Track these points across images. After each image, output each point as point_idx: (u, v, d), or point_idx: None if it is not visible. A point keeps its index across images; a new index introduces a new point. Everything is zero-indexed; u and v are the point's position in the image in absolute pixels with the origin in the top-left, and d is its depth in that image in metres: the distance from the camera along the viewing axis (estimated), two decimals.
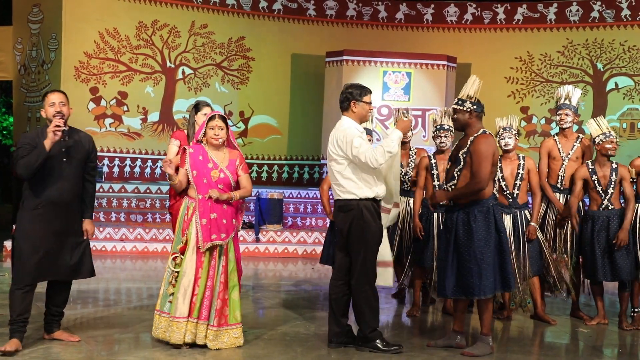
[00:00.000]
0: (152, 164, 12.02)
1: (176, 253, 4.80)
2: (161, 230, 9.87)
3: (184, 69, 12.32)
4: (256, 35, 12.82)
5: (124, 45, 11.86)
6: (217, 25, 12.54)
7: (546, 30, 13.21)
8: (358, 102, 4.94)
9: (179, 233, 4.83)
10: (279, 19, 13.03)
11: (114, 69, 11.80)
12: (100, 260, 9.00)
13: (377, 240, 4.96)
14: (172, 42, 12.21)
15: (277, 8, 13.00)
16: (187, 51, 12.33)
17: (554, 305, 6.64)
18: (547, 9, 13.22)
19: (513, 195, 5.97)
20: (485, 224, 4.82)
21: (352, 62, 12.25)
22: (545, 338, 5.76)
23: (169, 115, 12.20)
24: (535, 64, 13.20)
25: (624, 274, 5.81)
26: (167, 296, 4.81)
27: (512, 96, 13.23)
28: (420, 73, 12.20)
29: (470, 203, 4.84)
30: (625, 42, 12.85)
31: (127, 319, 5.69)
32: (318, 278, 8.30)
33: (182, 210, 4.88)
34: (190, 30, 12.34)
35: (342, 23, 13.39)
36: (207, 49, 12.48)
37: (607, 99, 12.94)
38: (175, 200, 5.76)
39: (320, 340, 5.19)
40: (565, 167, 6.09)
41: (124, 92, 11.86)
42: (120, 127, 11.86)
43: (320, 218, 10.90)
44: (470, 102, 4.94)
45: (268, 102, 12.89)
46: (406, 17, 13.53)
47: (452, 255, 4.88)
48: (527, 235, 5.90)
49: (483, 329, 4.93)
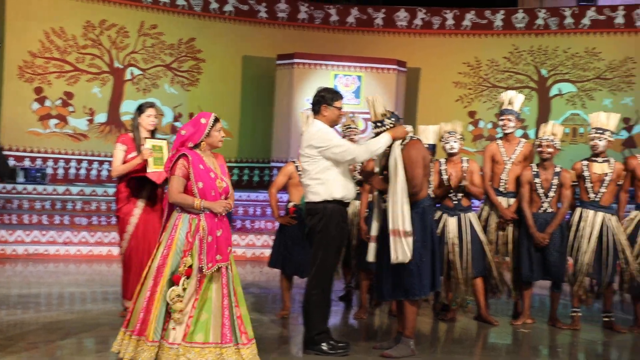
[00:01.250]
0: (98, 166, 11.82)
1: (180, 276, 4.11)
2: (107, 234, 9.71)
3: (133, 69, 12.16)
4: (207, 36, 12.74)
5: (71, 44, 11.64)
6: (167, 26, 12.42)
7: (493, 37, 13.47)
8: (329, 107, 4.95)
9: (179, 254, 4.15)
10: (230, 21, 12.98)
11: (60, 69, 11.58)
12: (43, 264, 8.81)
13: (338, 244, 4.97)
14: (121, 42, 12.04)
15: (228, 10, 12.94)
16: (135, 52, 12.18)
17: (498, 306, 6.76)
18: (494, 15, 13.49)
19: (458, 198, 6.08)
20: (422, 225, 4.88)
21: (303, 65, 12.27)
22: (488, 339, 5.86)
23: (116, 116, 12.02)
24: (482, 69, 13.44)
25: (555, 274, 5.98)
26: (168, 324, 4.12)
27: (460, 101, 13.45)
28: (371, 77, 12.31)
29: (418, 202, 4.90)
30: (568, 50, 13.20)
31: (70, 325, 5.57)
32: (266, 281, 8.28)
33: (183, 227, 4.18)
34: (140, 30, 12.19)
35: (293, 26, 13.41)
36: (156, 49, 12.35)
37: (551, 105, 13.26)
38: (123, 203, 5.67)
39: (265, 343, 5.17)
40: (508, 172, 6.22)
41: (69, 93, 11.65)
42: (66, 128, 11.64)
43: (270, 221, 10.88)
44: (387, 117, 4.95)
45: (218, 103, 12.80)
46: (357, 20, 13.63)
47: (388, 258, 4.89)
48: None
49: (406, 331, 4.97)
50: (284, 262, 6.11)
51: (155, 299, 4.13)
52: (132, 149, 5.67)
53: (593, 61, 13.11)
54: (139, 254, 5.66)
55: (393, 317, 6.19)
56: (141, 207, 5.68)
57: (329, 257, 4.92)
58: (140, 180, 5.61)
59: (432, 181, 6.00)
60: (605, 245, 5.90)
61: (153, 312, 4.11)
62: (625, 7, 13.18)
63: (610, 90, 13.06)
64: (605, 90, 13.08)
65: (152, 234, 5.73)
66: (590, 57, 13.12)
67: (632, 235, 5.97)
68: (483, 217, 6.24)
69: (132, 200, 5.67)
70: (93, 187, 11.19)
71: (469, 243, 6.02)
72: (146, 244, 5.70)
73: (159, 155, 5.63)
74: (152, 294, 4.14)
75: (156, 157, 5.60)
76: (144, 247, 5.69)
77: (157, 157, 5.62)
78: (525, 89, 13.20)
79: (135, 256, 5.67)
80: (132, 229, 5.66)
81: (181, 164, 4.17)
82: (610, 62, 13.04)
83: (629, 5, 13.26)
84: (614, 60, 13.02)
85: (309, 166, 4.92)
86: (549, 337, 5.91)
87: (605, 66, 13.06)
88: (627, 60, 12.96)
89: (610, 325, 6.05)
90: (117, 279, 6.07)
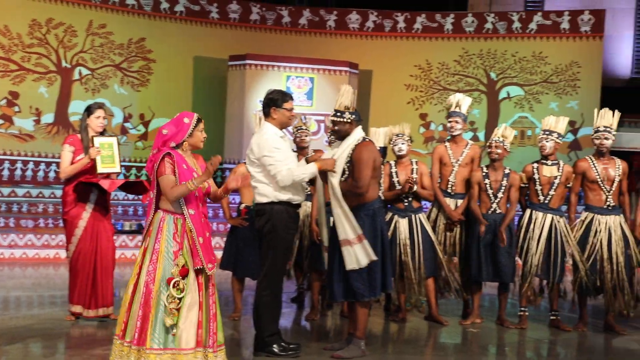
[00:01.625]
0: (45, 167, 11.55)
1: (173, 278, 4.02)
2: (54, 236, 9.50)
3: (81, 69, 11.93)
4: (157, 36, 12.58)
5: (16, 43, 11.36)
6: (116, 25, 12.21)
7: (444, 40, 13.65)
8: (278, 109, 4.95)
9: (169, 256, 4.05)
10: (181, 21, 12.84)
11: (5, 68, 11.28)
12: None
13: (286, 245, 4.96)
14: (68, 41, 11.80)
15: (179, 10, 12.81)
16: (84, 51, 11.95)
17: (448, 306, 6.85)
18: (445, 19, 13.67)
19: (408, 199, 6.14)
20: (372, 227, 4.92)
21: (255, 66, 12.23)
22: (438, 339, 5.93)
23: (64, 116, 11.77)
24: (433, 72, 13.61)
25: (505, 275, 6.09)
26: (167, 330, 4.00)
27: (412, 103, 13.59)
28: (323, 78, 12.34)
29: (357, 207, 4.92)
30: (516, 54, 13.46)
31: (16, 330, 5.43)
32: (218, 283, 8.17)
33: (168, 228, 4.09)
34: (88, 29, 11.96)
35: (245, 27, 13.35)
36: (105, 49, 12.13)
37: (500, 108, 13.51)
38: (71, 206, 5.55)
39: None
40: (456, 173, 6.31)
41: (15, 92, 11.36)
42: (11, 128, 11.34)
43: (221, 222, 10.80)
44: (349, 112, 5.00)
45: (169, 104, 12.64)
46: (309, 22, 13.65)
47: (340, 259, 4.92)
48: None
49: (357, 332, 4.99)
50: (235, 264, 6.09)
51: (150, 305, 4.01)
52: (80, 150, 5.56)
53: (540, 65, 13.41)
54: (87, 258, 5.57)
55: (344, 318, 6.21)
56: (90, 211, 5.57)
57: (277, 258, 4.92)
58: (94, 185, 5.50)
59: (382, 183, 6.04)
60: (553, 247, 6.03)
61: (150, 319, 4.00)
62: (570, 12, 13.53)
63: (557, 93, 13.37)
64: (551, 93, 13.39)
65: (103, 239, 5.62)
66: (537, 61, 13.41)
67: (583, 236, 6.10)
68: (431, 218, 6.32)
69: (81, 203, 5.56)
70: (40, 188, 10.94)
71: (421, 244, 6.09)
72: (95, 248, 5.60)
73: (108, 154, 5.52)
74: (147, 301, 4.02)
75: (105, 156, 5.50)
76: (92, 252, 5.59)
77: (107, 155, 5.51)
78: (475, 92, 13.42)
79: (83, 260, 5.57)
80: (80, 233, 5.56)
81: (168, 162, 4.10)
82: (557, 66, 13.35)
83: (574, 11, 13.61)
84: (560, 64, 13.34)
85: (256, 168, 4.92)
86: (497, 336, 6.01)
87: (551, 70, 13.37)
88: (572, 64, 13.29)
89: (557, 324, 6.18)
90: (65, 283, 5.95)
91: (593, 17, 13.30)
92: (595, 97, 13.18)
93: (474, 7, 15.51)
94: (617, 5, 15.75)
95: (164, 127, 4.22)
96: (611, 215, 6.07)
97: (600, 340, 6.05)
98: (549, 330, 6.17)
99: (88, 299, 5.61)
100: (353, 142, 4.96)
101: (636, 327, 6.34)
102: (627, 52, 15.99)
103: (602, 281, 6.02)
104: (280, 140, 4.93)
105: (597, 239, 6.03)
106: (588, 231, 6.07)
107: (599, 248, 6.02)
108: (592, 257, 6.02)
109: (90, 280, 5.59)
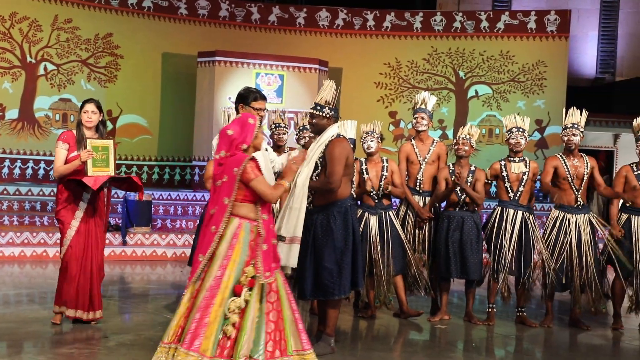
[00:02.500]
0: (10, 164, 11.36)
1: (242, 287, 3.97)
2: (19, 234, 9.33)
3: (46, 64, 11.74)
4: (125, 32, 12.44)
5: None
6: (83, 20, 12.04)
7: (413, 38, 13.73)
8: (245, 107, 4.95)
9: (241, 264, 4.00)
10: (149, 17, 12.71)
11: None
12: None
13: None
14: (33, 36, 11.60)
15: (147, 5, 12.67)
16: (49, 46, 11.76)
17: (417, 303, 6.89)
18: (414, 17, 13.74)
19: (379, 197, 6.16)
20: (344, 225, 4.92)
21: (225, 63, 12.16)
22: (407, 335, 5.97)
23: (29, 112, 11.57)
24: (402, 70, 13.68)
25: (473, 272, 6.15)
26: (226, 338, 3.94)
27: (382, 101, 13.65)
28: (293, 76, 12.31)
29: (329, 204, 4.92)
30: (484, 52, 13.60)
31: None
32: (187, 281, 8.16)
33: (246, 236, 4.03)
34: (53, 24, 11.78)
35: (214, 23, 13.26)
36: (71, 44, 11.96)
37: (469, 106, 13.64)
38: (63, 205, 5.38)
39: None
40: (423, 171, 6.36)
41: None
42: None
43: (191, 220, 10.73)
44: (329, 107, 5.01)
45: (137, 101, 12.53)
46: (279, 19, 13.62)
47: (310, 257, 4.92)
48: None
49: (327, 329, 5.01)
50: None
51: (210, 311, 3.90)
52: (74, 147, 5.42)
53: (507, 64, 13.56)
54: (79, 259, 5.38)
55: (314, 315, 6.22)
56: (83, 211, 5.40)
57: None
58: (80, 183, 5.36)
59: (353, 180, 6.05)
60: (524, 243, 6.10)
61: (211, 326, 3.89)
62: (537, 12, 13.71)
63: (524, 92, 13.54)
64: (519, 92, 13.55)
65: (94, 240, 5.46)
66: (504, 60, 13.56)
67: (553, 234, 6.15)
68: (400, 215, 6.36)
69: (74, 203, 5.39)
70: (3, 185, 10.73)
71: (390, 241, 6.12)
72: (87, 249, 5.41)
73: (102, 157, 5.36)
74: (207, 307, 3.91)
75: (98, 159, 5.34)
76: (84, 253, 5.40)
77: (100, 158, 5.35)
78: (444, 90, 13.52)
79: (75, 262, 5.37)
80: (73, 234, 5.38)
81: (253, 166, 4.03)
82: (524, 66, 13.52)
83: (540, 11, 13.80)
84: (527, 63, 13.51)
85: None
86: (465, 332, 6.07)
87: (518, 69, 13.54)
88: (539, 63, 13.47)
89: (523, 320, 6.26)
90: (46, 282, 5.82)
91: (559, 17, 13.50)
92: (561, 96, 13.38)
93: (443, 6, 15.63)
94: (582, 6, 16.01)
95: (228, 128, 4.15)
96: (581, 214, 6.17)
97: (565, 335, 6.15)
98: (516, 326, 6.25)
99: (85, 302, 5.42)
100: (327, 139, 4.96)
101: (601, 323, 6.46)
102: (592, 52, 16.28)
103: (571, 278, 6.12)
104: None
105: (567, 238, 6.12)
106: (559, 229, 6.16)
107: (568, 246, 6.11)
108: (562, 255, 6.10)
109: (87, 283, 5.41)
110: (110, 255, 8.98)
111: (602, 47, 16.27)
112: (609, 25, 16.32)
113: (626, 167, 6.33)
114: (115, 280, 8.00)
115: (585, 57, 16.23)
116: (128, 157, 12.44)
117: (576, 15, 15.35)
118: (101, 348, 4.92)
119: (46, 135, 11.62)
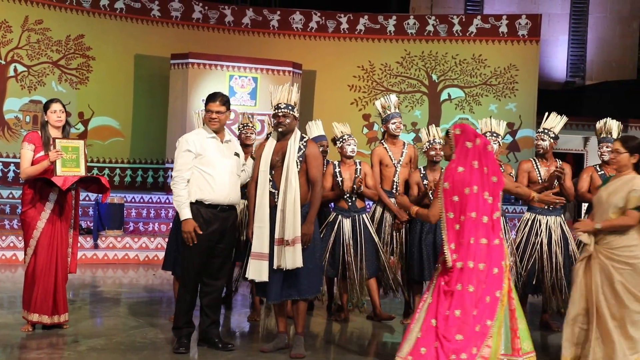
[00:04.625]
0: None
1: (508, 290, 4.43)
2: None
3: (17, 66, 11.59)
4: (97, 33, 12.32)
5: None
6: (54, 21, 11.90)
7: (386, 42, 13.80)
8: (204, 110, 5.10)
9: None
10: (121, 18, 12.61)
11: None
12: None
13: (196, 246, 4.90)
14: (3, 37, 11.45)
15: (119, 7, 12.57)
16: (19, 47, 11.61)
17: (390, 305, 6.92)
18: (387, 21, 13.82)
19: (352, 199, 6.18)
20: (318, 226, 4.99)
21: (198, 65, 12.10)
22: (380, 338, 5.99)
23: None
24: (376, 73, 13.74)
25: None
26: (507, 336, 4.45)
27: (355, 104, 13.69)
28: (267, 78, 12.30)
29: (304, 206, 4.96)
30: (456, 56, 13.72)
31: None
32: (160, 284, 8.11)
33: None
34: (24, 25, 11.63)
35: (187, 25, 13.20)
36: (42, 45, 11.82)
37: (441, 109, 13.74)
38: (29, 206, 5.29)
39: (156, 348, 5.07)
40: (399, 174, 6.39)
41: None
42: None
43: (164, 223, 10.66)
44: (295, 108, 5.10)
45: (110, 103, 12.42)
46: (252, 22, 13.60)
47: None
48: None
49: (299, 328, 5.07)
50: (175, 264, 5.99)
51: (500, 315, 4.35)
52: (40, 148, 5.33)
53: (480, 68, 13.70)
54: (47, 263, 5.27)
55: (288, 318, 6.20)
56: (49, 212, 5.31)
57: (187, 257, 4.98)
58: (47, 181, 5.28)
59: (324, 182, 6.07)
60: None
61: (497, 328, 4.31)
62: (508, 16, 13.86)
63: (496, 96, 13.68)
64: (491, 96, 13.69)
65: (60, 242, 5.35)
66: (477, 63, 13.69)
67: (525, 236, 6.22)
68: (376, 218, 6.37)
69: (40, 203, 5.29)
70: None
71: (364, 244, 6.13)
72: (54, 252, 5.31)
73: (72, 157, 5.29)
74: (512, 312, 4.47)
75: (68, 159, 5.26)
76: (52, 256, 5.29)
77: (70, 158, 5.27)
78: (417, 93, 13.61)
79: (42, 265, 5.26)
80: (39, 235, 5.27)
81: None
82: (495, 69, 13.67)
83: (512, 15, 13.96)
84: (499, 67, 13.66)
85: None
86: None
87: (490, 73, 13.68)
88: (510, 67, 13.63)
89: None
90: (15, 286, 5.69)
91: (530, 22, 13.67)
92: (532, 99, 13.55)
93: (416, 9, 15.75)
94: (553, 10, 16.24)
95: None
96: (552, 216, 6.24)
97: (536, 337, 6.20)
98: None
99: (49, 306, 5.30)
100: (298, 139, 5.03)
101: None
102: (562, 55, 16.52)
103: (541, 280, 6.19)
104: (198, 143, 4.97)
105: (538, 239, 6.19)
106: (530, 231, 6.23)
107: (539, 248, 6.18)
108: (532, 256, 6.17)
109: (50, 286, 5.30)
110: (81, 258, 8.88)
111: (572, 51, 16.51)
112: (579, 30, 16.57)
113: (590, 168, 6.44)
114: (86, 284, 7.92)
115: (556, 61, 16.46)
116: (100, 159, 12.33)
117: (547, 20, 15.56)
118: (72, 352, 4.87)
119: (16, 137, 11.47)
